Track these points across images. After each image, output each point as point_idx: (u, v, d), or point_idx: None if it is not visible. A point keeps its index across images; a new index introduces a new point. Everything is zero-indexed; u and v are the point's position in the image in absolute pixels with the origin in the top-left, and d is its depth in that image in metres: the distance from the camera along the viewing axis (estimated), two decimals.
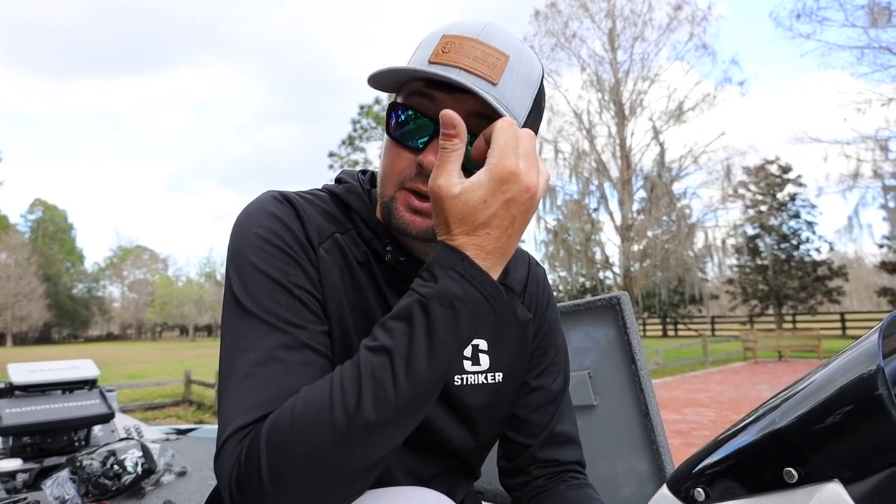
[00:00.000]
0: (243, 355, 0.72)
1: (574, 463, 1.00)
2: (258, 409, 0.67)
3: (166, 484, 2.63)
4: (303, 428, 0.61)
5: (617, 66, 23.30)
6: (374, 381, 0.62)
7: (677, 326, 37.63)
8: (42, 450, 2.86)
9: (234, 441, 0.66)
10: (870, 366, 0.64)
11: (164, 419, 11.55)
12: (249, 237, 0.81)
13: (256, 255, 0.79)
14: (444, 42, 0.79)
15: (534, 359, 1.01)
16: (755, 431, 0.74)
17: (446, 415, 0.91)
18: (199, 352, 34.75)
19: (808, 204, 35.47)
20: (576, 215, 23.33)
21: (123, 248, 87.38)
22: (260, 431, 0.64)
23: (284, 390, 0.68)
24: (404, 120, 0.81)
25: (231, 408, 0.68)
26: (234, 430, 0.66)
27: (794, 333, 21.47)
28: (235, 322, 0.76)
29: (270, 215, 0.83)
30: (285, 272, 0.79)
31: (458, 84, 0.74)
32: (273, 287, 0.77)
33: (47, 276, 66.84)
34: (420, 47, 0.83)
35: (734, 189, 26.56)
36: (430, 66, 0.78)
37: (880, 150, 19.93)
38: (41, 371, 3.10)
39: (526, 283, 1.03)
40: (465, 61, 0.77)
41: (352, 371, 0.63)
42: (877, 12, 17.89)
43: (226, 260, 0.83)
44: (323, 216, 0.87)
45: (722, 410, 9.61)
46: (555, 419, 1.00)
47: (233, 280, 0.79)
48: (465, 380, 0.92)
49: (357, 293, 0.85)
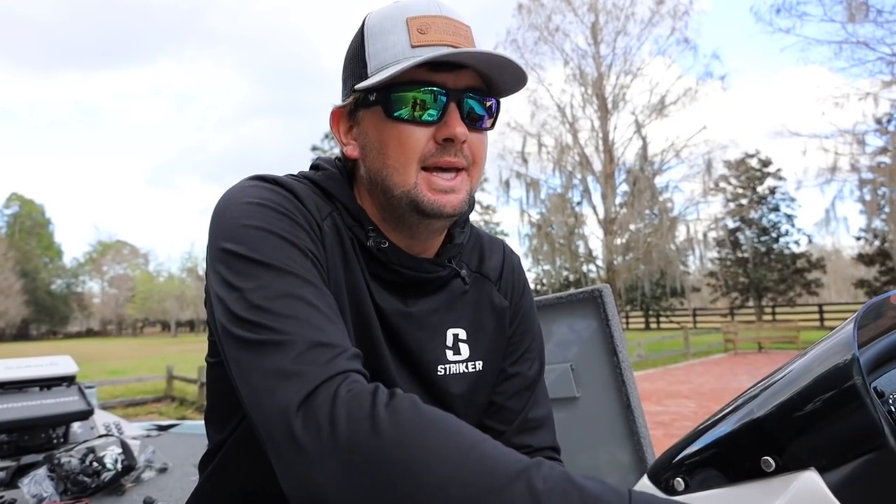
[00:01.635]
0: (277, 301, 0.67)
1: (548, 448, 1.00)
2: (335, 363, 0.63)
3: (147, 481, 2.60)
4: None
5: (600, 60, 23.40)
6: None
7: (660, 319, 38.02)
8: (19, 447, 2.82)
9: (344, 383, 0.61)
10: (845, 355, 0.64)
11: (145, 415, 11.45)
12: (245, 208, 0.76)
13: (258, 219, 0.75)
14: (416, 24, 0.79)
15: (510, 345, 1.01)
16: (733, 421, 0.74)
17: (429, 404, 0.90)
18: (182, 347, 34.43)
19: (787, 197, 36.05)
20: (559, 209, 23.43)
21: (103, 244, 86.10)
22: (400, 402, 0.60)
23: (340, 339, 0.66)
24: (414, 99, 0.79)
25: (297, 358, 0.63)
26: (336, 372, 0.62)
27: (774, 325, 21.85)
28: (246, 279, 0.70)
29: (266, 190, 0.80)
30: (294, 234, 0.75)
31: (462, 61, 0.78)
32: (284, 244, 0.73)
33: (24, 272, 65.80)
34: (379, 34, 0.82)
35: (715, 183, 26.93)
36: (418, 50, 0.77)
37: (857, 143, 20.29)
38: (18, 368, 3.04)
39: (501, 270, 1.03)
40: (448, 38, 0.78)
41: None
42: (854, 8, 18.15)
43: (209, 245, 0.77)
44: (315, 195, 0.85)
45: (703, 401, 9.74)
46: (529, 405, 1.00)
47: (230, 247, 0.72)
48: (447, 369, 0.92)
49: (350, 274, 0.84)
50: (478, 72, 0.81)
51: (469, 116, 0.82)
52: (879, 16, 18.13)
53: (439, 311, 0.92)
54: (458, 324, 0.95)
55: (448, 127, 0.79)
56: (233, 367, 0.68)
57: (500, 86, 0.85)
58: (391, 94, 0.80)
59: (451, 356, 0.93)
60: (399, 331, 0.87)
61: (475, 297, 0.97)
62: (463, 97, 0.81)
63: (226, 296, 0.70)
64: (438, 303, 0.92)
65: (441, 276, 0.91)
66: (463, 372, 0.93)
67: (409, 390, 0.86)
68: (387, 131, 0.81)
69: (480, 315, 0.97)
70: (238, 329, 0.67)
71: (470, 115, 0.82)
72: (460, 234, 0.95)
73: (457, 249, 0.94)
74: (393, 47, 0.80)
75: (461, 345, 0.94)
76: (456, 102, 0.80)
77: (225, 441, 0.90)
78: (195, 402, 12.08)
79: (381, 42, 0.81)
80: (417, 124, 0.80)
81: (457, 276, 0.94)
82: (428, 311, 0.91)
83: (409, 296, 0.90)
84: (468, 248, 1.00)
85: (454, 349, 0.93)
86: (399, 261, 0.86)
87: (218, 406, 0.91)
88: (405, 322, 0.88)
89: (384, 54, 0.80)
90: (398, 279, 0.87)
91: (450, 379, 0.92)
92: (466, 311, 0.96)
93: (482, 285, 0.99)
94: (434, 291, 0.92)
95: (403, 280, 0.88)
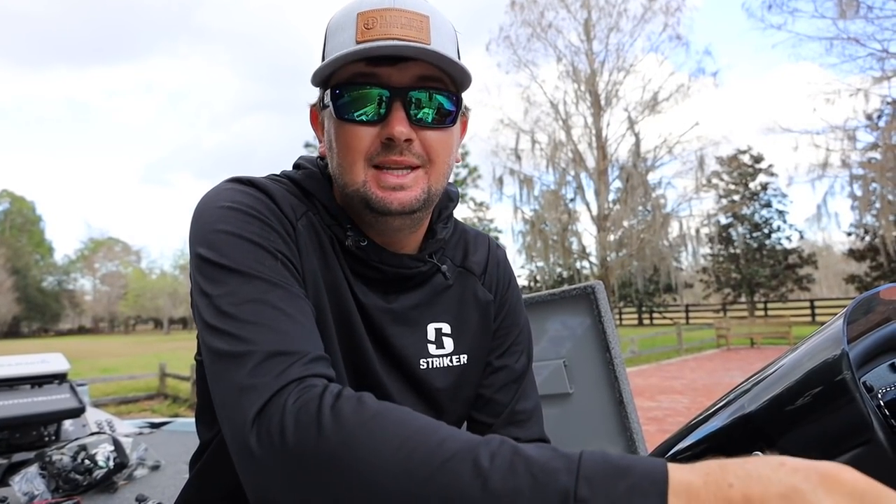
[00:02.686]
0: (242, 307, 0.68)
1: (536, 440, 1.00)
2: (297, 368, 0.63)
3: (139, 478, 2.59)
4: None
5: (593, 56, 23.38)
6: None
7: (653, 315, 38.16)
8: (10, 445, 2.81)
9: (293, 392, 0.61)
10: (835, 350, 0.65)
11: (138, 413, 11.41)
12: (217, 212, 0.77)
13: (229, 223, 0.76)
14: (363, 19, 0.78)
15: (497, 339, 1.02)
16: (725, 416, 0.75)
17: (414, 399, 0.91)
18: (174, 345, 34.31)
19: (779, 193, 36.13)
20: (552, 205, 23.44)
21: (94, 241, 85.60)
22: (345, 400, 0.60)
23: (301, 343, 0.67)
24: (356, 98, 0.79)
25: (255, 365, 0.64)
26: (288, 382, 0.62)
27: (766, 321, 21.99)
28: (215, 285, 0.71)
29: (239, 193, 0.81)
30: (265, 237, 0.76)
31: (401, 53, 0.75)
32: (254, 248, 0.74)
33: (15, 269, 65.26)
34: (335, 32, 0.82)
35: (707, 179, 26.98)
36: (360, 46, 0.76)
37: (848, 139, 20.37)
38: (9, 365, 3.03)
39: (486, 264, 1.04)
40: (394, 31, 0.77)
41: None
42: (845, 4, 18.20)
43: (189, 246, 0.79)
44: (292, 196, 0.86)
45: (696, 397, 9.79)
46: (516, 397, 1.01)
47: (203, 252, 0.74)
48: (430, 363, 0.93)
49: (329, 272, 0.84)
50: (433, 65, 0.79)
51: (417, 114, 0.80)
52: (870, 12, 18.21)
53: (419, 306, 0.93)
54: (441, 318, 0.95)
55: (389, 126, 0.78)
56: (207, 373, 0.70)
57: (458, 80, 0.82)
58: (336, 94, 0.80)
59: (434, 350, 0.94)
60: (381, 327, 0.88)
61: (459, 291, 0.98)
62: (408, 94, 0.79)
63: (199, 301, 0.73)
64: (420, 298, 0.93)
65: (422, 271, 0.92)
66: (447, 366, 0.94)
67: (392, 385, 0.88)
68: (337, 131, 0.82)
69: (464, 309, 0.98)
70: (209, 337, 0.69)
71: (419, 113, 0.80)
72: (442, 230, 0.96)
73: (438, 245, 0.95)
74: (340, 45, 0.79)
75: (445, 339, 0.95)
76: (401, 100, 0.78)
77: (213, 439, 0.90)
78: (188, 400, 12.05)
79: (333, 40, 0.82)
80: (361, 124, 0.79)
81: (438, 271, 0.95)
82: (409, 306, 0.91)
83: (391, 292, 0.90)
84: (452, 243, 1.01)
85: (437, 343, 0.94)
86: (379, 258, 0.87)
87: (207, 404, 0.91)
88: (387, 318, 0.88)
89: (333, 53, 0.79)
90: (379, 276, 0.88)
91: (433, 373, 0.93)
92: (450, 305, 0.97)
93: (466, 279, 1.00)
94: (415, 287, 0.93)
95: (384, 277, 0.88)
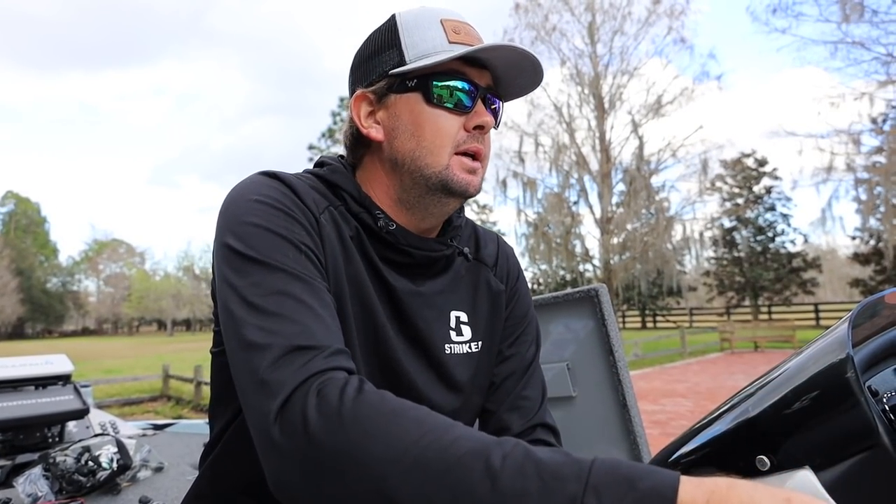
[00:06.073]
0: (268, 298, 0.71)
1: (540, 426, 1.02)
2: (320, 361, 0.66)
3: (142, 480, 2.59)
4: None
5: (597, 59, 23.41)
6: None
7: (656, 318, 38.09)
8: (14, 447, 2.81)
9: (315, 385, 0.64)
10: (839, 354, 0.64)
11: (141, 414, 11.42)
12: (247, 205, 0.81)
13: (258, 216, 0.79)
14: (449, 25, 0.88)
15: (507, 328, 1.05)
16: (729, 420, 0.74)
17: (437, 384, 0.94)
18: (178, 346, 34.39)
19: (783, 197, 36.10)
20: (556, 208, 23.46)
21: (99, 242, 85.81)
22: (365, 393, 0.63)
23: (323, 336, 0.69)
24: (452, 89, 0.87)
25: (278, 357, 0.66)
26: (310, 374, 0.64)
27: (770, 324, 21.90)
28: (242, 276, 0.74)
29: (267, 186, 0.84)
30: (290, 230, 0.79)
31: (523, 61, 0.87)
32: (280, 241, 0.77)
33: (20, 270, 65.56)
34: (413, 29, 0.88)
35: (711, 182, 26.96)
36: (454, 46, 0.86)
37: (853, 143, 20.35)
38: (12, 366, 3.03)
39: (497, 257, 1.08)
40: (476, 42, 0.89)
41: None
42: (850, 8, 18.19)
43: (215, 239, 0.81)
44: (315, 191, 0.89)
45: (699, 400, 9.76)
46: (522, 384, 1.03)
47: (231, 243, 0.77)
48: (452, 349, 0.96)
49: (350, 265, 0.87)
50: (493, 75, 0.91)
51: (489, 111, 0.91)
52: (875, 16, 18.19)
53: (444, 292, 0.97)
54: (460, 306, 0.99)
55: (479, 116, 0.88)
56: (230, 362, 0.73)
57: (510, 89, 0.94)
58: (431, 82, 0.86)
59: (455, 337, 0.97)
60: (409, 311, 0.91)
61: (473, 280, 1.02)
62: (486, 94, 0.90)
63: (224, 290, 0.75)
64: (443, 284, 0.97)
65: (446, 255, 0.96)
66: (466, 352, 0.97)
67: (416, 370, 0.91)
68: (424, 116, 0.88)
69: (478, 298, 1.02)
70: (231, 326, 0.72)
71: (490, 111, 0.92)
72: (458, 218, 1.02)
73: (455, 232, 1.00)
74: (431, 40, 0.87)
75: (463, 327, 0.99)
76: (482, 98, 0.90)
77: (227, 428, 0.92)
78: (191, 402, 12.05)
79: (418, 34, 0.88)
80: (453, 112, 0.88)
81: (460, 254, 0.99)
82: (435, 291, 0.95)
83: (418, 276, 0.94)
84: (465, 236, 1.05)
85: (457, 330, 0.98)
86: (407, 241, 0.91)
87: (222, 395, 0.93)
88: (416, 301, 0.92)
89: (422, 45, 0.87)
90: (407, 260, 0.92)
91: (454, 359, 0.96)
92: (466, 293, 1.01)
93: (479, 270, 1.04)
94: (439, 273, 0.97)
95: (412, 261, 0.92)
